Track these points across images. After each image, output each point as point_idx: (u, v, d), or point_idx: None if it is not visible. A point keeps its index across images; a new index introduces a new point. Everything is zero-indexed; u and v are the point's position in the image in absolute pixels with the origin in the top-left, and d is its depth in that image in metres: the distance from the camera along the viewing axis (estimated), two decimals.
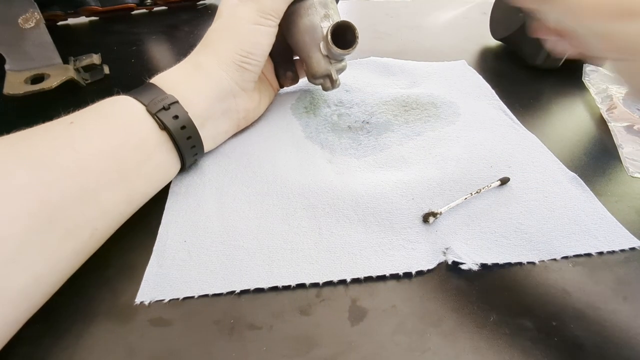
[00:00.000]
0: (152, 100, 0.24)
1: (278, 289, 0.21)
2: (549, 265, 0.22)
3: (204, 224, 0.25)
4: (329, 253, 0.23)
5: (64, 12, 0.51)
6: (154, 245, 0.23)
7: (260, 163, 0.29)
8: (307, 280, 0.21)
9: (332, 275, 0.22)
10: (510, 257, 0.22)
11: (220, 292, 0.21)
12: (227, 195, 0.27)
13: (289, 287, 0.21)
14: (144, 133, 0.23)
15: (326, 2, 0.30)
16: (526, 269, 0.22)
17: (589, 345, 0.19)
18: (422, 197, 0.26)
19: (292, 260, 0.22)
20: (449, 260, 0.22)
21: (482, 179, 0.27)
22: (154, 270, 0.22)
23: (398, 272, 0.22)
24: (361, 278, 0.21)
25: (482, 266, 0.22)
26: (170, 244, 0.23)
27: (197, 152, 0.27)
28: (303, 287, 0.21)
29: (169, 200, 0.26)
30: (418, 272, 0.22)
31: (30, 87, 0.35)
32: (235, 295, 0.21)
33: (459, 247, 0.23)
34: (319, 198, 0.26)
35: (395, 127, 0.32)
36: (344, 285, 0.21)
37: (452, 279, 0.22)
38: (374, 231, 0.24)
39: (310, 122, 0.33)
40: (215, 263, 0.22)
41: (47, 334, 0.19)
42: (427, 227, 0.24)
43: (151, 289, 0.21)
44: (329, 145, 0.31)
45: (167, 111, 0.24)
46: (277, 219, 0.25)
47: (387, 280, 0.22)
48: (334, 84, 0.32)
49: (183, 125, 0.25)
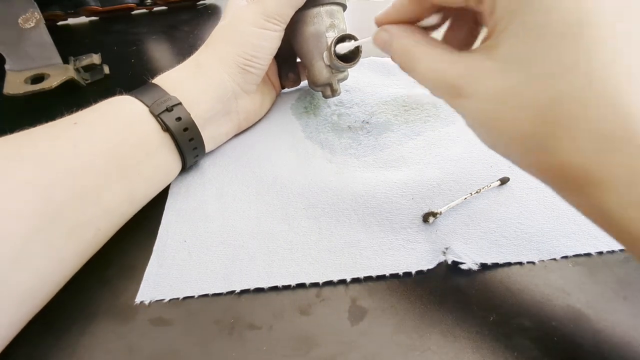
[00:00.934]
0: (155, 102, 0.24)
1: (278, 288, 0.21)
2: (549, 265, 0.22)
3: (204, 223, 0.25)
4: (329, 253, 0.23)
5: (64, 12, 0.51)
6: (154, 245, 0.23)
7: (260, 163, 0.29)
8: (307, 280, 0.21)
9: (332, 275, 0.22)
10: (510, 257, 0.22)
11: (220, 292, 0.21)
12: (227, 195, 0.27)
13: (288, 286, 0.21)
14: (146, 134, 0.23)
15: (333, 11, 0.30)
16: (526, 268, 0.22)
17: (589, 345, 0.19)
18: (422, 197, 0.26)
19: (292, 260, 0.22)
20: (448, 260, 0.22)
21: (482, 178, 0.27)
22: (154, 270, 0.22)
23: (398, 272, 0.22)
24: (361, 278, 0.21)
25: (481, 266, 0.22)
26: (170, 243, 0.23)
27: (198, 154, 0.27)
28: (303, 287, 0.21)
29: (168, 201, 0.26)
30: (418, 271, 0.22)
31: (30, 87, 0.35)
32: (235, 295, 0.21)
33: (459, 247, 0.23)
34: (318, 198, 0.26)
35: (395, 127, 0.32)
36: (344, 285, 0.21)
37: (452, 278, 0.22)
38: (374, 231, 0.24)
39: (310, 122, 0.33)
40: (215, 263, 0.22)
41: (47, 334, 0.19)
42: (427, 227, 0.24)
43: (151, 288, 0.21)
44: (328, 145, 0.31)
45: (170, 113, 0.24)
46: (277, 219, 0.25)
47: (387, 280, 0.22)
48: (334, 93, 0.32)
49: (185, 127, 0.25)
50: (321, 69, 0.30)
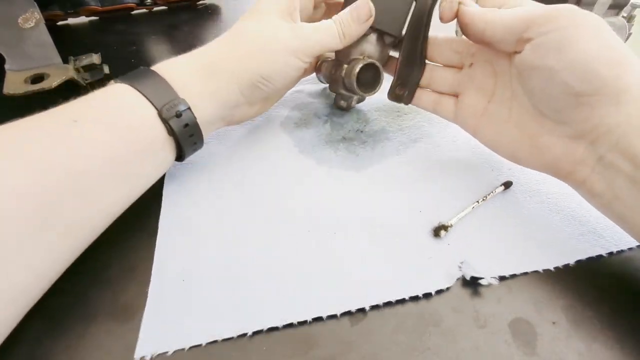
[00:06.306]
0: (164, 105, 0.23)
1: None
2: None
3: (203, 257, 0.22)
4: (343, 280, 0.21)
5: (64, 12, 0.51)
6: (149, 288, 0.21)
7: (260, 188, 0.27)
8: (324, 313, 0.20)
9: (349, 304, 0.20)
10: (526, 267, 0.22)
11: (231, 337, 0.19)
12: (226, 223, 0.25)
13: (305, 322, 0.20)
14: (151, 140, 0.23)
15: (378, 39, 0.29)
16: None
17: (589, 345, 0.19)
18: (429, 209, 0.25)
19: (304, 291, 0.21)
20: (466, 276, 0.21)
21: (484, 183, 0.27)
22: (152, 317, 0.20)
23: (417, 294, 0.21)
24: (380, 304, 0.20)
25: (500, 279, 0.21)
26: (167, 285, 0.21)
27: (196, 148, 0.27)
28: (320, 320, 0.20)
29: (159, 235, 0.24)
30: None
31: (30, 87, 0.35)
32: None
33: (474, 260, 0.22)
34: (324, 220, 0.25)
35: (391, 134, 0.32)
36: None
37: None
38: (386, 251, 0.23)
39: (304, 137, 0.32)
40: (220, 304, 0.20)
41: (47, 334, 0.19)
42: (439, 242, 0.23)
43: (151, 340, 0.19)
44: (325, 160, 0.29)
45: (178, 119, 0.23)
46: (283, 245, 0.23)
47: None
48: (348, 108, 0.33)
49: (192, 134, 0.24)
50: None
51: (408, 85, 0.29)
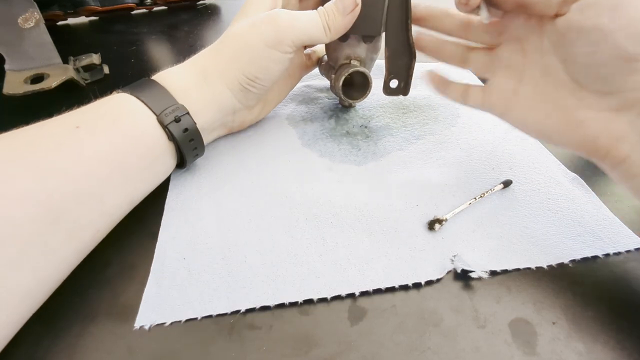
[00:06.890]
0: (163, 111, 0.23)
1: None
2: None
3: (203, 239, 0.24)
4: (335, 266, 0.22)
5: (63, 12, 0.51)
6: (152, 265, 0.22)
7: (259, 174, 0.28)
8: (314, 295, 0.21)
9: (339, 289, 0.21)
10: (519, 263, 0.22)
11: (225, 312, 0.20)
12: (226, 208, 0.26)
13: (295, 303, 0.21)
14: (152, 145, 0.23)
15: (377, 47, 0.29)
16: (526, 268, 0.22)
17: (589, 345, 0.19)
18: (426, 203, 0.26)
19: (297, 275, 0.22)
20: (457, 269, 0.22)
21: (484, 182, 0.27)
22: (152, 291, 0.21)
23: (407, 283, 0.21)
24: (370, 291, 0.21)
25: (491, 273, 0.22)
26: (168, 262, 0.22)
27: (197, 154, 0.27)
28: (310, 302, 0.21)
29: (165, 217, 0.25)
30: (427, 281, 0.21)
31: (30, 87, 0.35)
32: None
33: (467, 254, 0.23)
34: (321, 208, 0.25)
35: (394, 131, 0.32)
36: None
37: (452, 278, 0.22)
38: (380, 240, 0.23)
39: (307, 130, 0.32)
40: (217, 281, 0.21)
41: (47, 334, 0.19)
42: (433, 235, 0.24)
43: (151, 311, 0.20)
44: (328, 153, 0.30)
45: (177, 123, 0.24)
46: (279, 231, 0.24)
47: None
48: (350, 106, 0.33)
49: (191, 139, 0.25)
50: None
51: (401, 76, 0.29)
